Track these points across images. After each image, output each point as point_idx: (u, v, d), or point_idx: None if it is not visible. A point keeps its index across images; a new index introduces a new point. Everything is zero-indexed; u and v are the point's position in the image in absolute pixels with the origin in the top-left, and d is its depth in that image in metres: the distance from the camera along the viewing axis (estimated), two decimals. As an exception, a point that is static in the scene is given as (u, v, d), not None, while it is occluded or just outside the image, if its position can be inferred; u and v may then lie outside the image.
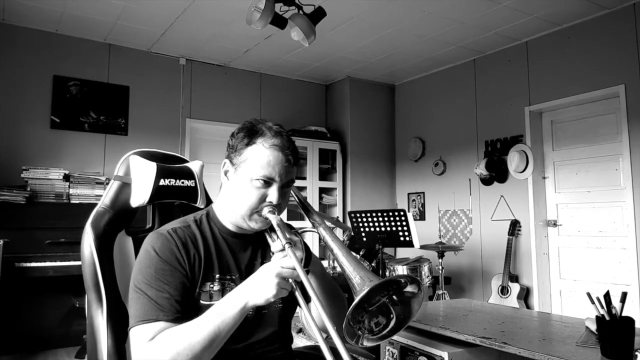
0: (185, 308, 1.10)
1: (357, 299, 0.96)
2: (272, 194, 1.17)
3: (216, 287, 1.17)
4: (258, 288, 1.05)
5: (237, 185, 1.19)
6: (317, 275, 1.26)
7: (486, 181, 4.82)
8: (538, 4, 3.79)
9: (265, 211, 1.17)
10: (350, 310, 0.96)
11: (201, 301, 1.15)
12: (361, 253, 3.88)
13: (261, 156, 1.16)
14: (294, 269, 1.04)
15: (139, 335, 1.05)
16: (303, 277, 1.02)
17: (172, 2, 3.79)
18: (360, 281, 1.00)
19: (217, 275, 1.19)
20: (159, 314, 1.06)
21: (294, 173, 1.22)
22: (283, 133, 1.21)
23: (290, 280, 1.06)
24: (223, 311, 1.05)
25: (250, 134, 1.19)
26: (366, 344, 1.03)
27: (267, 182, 1.17)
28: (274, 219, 1.16)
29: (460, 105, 5.16)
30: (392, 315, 1.05)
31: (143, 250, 1.15)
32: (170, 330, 1.05)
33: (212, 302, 1.13)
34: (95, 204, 1.38)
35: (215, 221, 1.25)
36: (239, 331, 1.08)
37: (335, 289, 1.33)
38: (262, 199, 1.17)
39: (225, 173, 1.24)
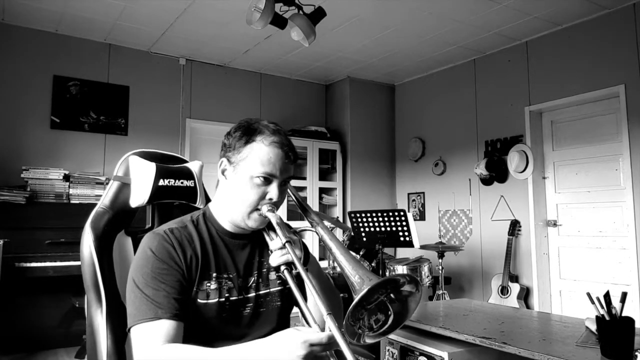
0: (183, 306, 1.10)
1: (357, 298, 0.96)
2: (272, 191, 1.18)
3: (213, 285, 1.17)
4: (284, 356, 0.96)
5: (236, 183, 1.19)
6: (314, 274, 1.26)
7: (486, 181, 4.82)
8: (538, 4, 3.79)
9: (265, 210, 1.18)
10: (350, 309, 0.96)
11: (198, 300, 1.15)
12: (361, 253, 3.87)
13: (261, 153, 1.17)
14: (325, 344, 0.95)
15: (142, 334, 1.05)
16: (304, 275, 1.03)
17: (172, 2, 3.79)
18: (360, 280, 1.00)
19: (214, 274, 1.18)
20: (158, 312, 1.06)
21: (292, 170, 1.24)
22: (281, 131, 1.22)
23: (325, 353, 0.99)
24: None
25: (248, 132, 1.19)
26: (368, 341, 1.03)
27: (268, 179, 1.18)
28: (273, 218, 1.17)
29: (460, 105, 5.16)
30: (390, 312, 1.06)
31: (140, 251, 1.15)
32: (183, 348, 1.04)
33: (209, 301, 1.14)
34: (95, 204, 1.38)
35: (212, 221, 1.25)
36: (237, 329, 1.08)
37: (332, 288, 1.34)
38: (262, 196, 1.18)
39: (223, 172, 1.23)
